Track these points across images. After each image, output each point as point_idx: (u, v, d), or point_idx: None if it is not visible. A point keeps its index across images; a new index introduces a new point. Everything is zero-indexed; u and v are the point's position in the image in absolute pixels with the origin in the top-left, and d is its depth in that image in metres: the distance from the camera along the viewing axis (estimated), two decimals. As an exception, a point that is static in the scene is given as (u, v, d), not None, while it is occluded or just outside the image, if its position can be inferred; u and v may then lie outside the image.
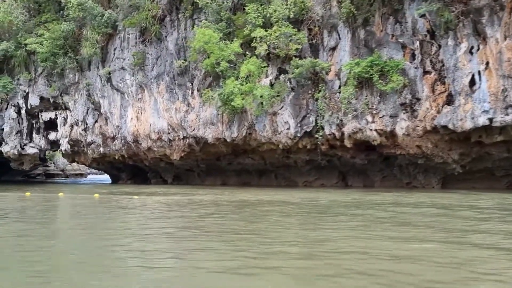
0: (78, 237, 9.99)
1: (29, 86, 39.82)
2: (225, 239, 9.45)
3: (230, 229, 10.74)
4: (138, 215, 14.09)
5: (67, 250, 8.53)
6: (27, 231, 10.64)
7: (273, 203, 17.17)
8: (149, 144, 34.78)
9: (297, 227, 11.33)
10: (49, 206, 18.01)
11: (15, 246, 8.66)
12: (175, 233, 10.38)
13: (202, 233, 10.27)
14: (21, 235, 9.84)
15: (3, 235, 9.88)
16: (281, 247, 8.39)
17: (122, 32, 35.37)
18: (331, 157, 28.99)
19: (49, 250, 8.36)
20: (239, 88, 25.58)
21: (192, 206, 16.47)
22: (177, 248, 8.51)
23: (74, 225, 12.29)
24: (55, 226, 12.32)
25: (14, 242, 9.09)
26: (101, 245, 8.90)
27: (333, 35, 26.15)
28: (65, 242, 9.61)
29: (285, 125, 27.27)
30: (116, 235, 10.21)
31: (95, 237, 9.87)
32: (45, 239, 9.49)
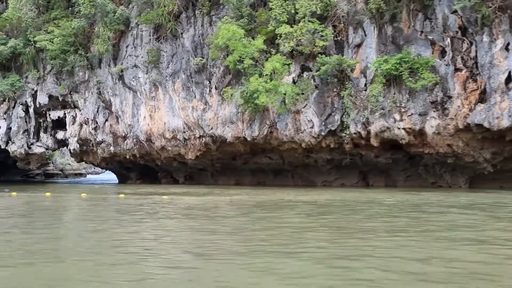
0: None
1: (37, 84, 38.56)
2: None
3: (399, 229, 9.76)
4: (246, 218, 12.77)
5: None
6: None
7: (349, 202, 16.15)
8: (163, 143, 33.72)
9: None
10: (98, 206, 16.85)
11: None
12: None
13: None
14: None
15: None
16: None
17: (134, 29, 34.28)
18: (353, 156, 28.16)
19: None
20: (263, 86, 24.64)
21: (265, 206, 15.44)
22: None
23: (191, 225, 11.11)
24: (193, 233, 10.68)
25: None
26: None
27: (359, 31, 25.31)
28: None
29: (309, 124, 26.39)
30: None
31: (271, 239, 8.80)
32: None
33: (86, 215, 12.96)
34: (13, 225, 11.13)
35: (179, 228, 10.71)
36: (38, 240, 8.81)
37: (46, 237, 9.23)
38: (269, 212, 14.08)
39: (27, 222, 12.37)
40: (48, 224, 11.58)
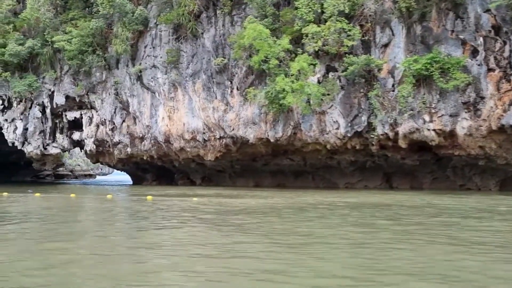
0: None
1: (54, 85, 38.08)
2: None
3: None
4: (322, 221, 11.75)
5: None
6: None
7: (395, 206, 15.33)
8: (182, 144, 33.15)
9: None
10: (135, 209, 16.22)
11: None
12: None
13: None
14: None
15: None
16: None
17: (153, 29, 33.77)
18: (377, 158, 27.50)
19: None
20: (290, 86, 24.01)
21: (319, 208, 14.71)
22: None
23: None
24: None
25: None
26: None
27: (386, 31, 24.67)
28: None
29: (334, 125, 25.75)
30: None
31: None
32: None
33: (140, 220, 12.27)
34: (87, 231, 10.55)
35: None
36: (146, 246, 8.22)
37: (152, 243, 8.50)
38: (351, 213, 13.19)
39: (97, 226, 11.78)
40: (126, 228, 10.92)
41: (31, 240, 8.87)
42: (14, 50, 36.09)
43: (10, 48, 36.18)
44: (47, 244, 8.14)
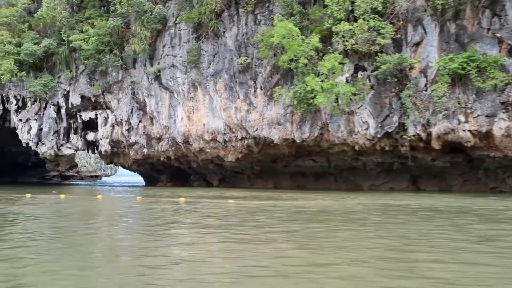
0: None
1: (69, 85, 37.15)
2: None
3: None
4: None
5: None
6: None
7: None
8: (201, 145, 32.22)
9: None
10: (175, 211, 15.26)
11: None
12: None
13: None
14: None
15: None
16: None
17: (172, 28, 32.87)
18: (404, 159, 26.63)
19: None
20: (320, 86, 23.13)
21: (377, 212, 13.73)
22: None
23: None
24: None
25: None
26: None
27: (418, 29, 23.78)
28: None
29: (364, 125, 24.86)
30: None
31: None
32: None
33: (192, 224, 11.38)
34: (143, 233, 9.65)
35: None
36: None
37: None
38: (433, 218, 12.27)
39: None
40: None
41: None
42: (29, 49, 35.21)
43: (25, 47, 35.32)
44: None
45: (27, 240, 8.50)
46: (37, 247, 7.76)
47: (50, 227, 10.61)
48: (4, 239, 8.42)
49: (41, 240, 8.61)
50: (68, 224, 11.19)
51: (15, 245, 7.88)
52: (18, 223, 11.29)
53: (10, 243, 8.08)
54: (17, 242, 8.23)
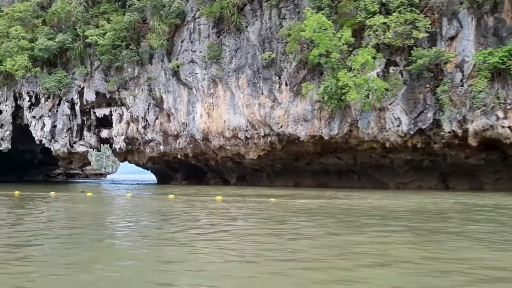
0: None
1: (84, 81, 36.07)
2: None
3: None
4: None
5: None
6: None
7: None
8: (222, 142, 31.23)
9: None
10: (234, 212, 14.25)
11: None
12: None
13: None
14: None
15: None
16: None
17: (191, 23, 31.82)
18: (435, 157, 25.75)
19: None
20: (353, 81, 22.17)
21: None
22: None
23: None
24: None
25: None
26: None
27: (453, 23, 22.86)
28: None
29: (395, 122, 23.93)
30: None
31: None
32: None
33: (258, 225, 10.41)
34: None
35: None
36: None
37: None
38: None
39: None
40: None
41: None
42: (44, 45, 34.12)
43: (40, 43, 34.21)
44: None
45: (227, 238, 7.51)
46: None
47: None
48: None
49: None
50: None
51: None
52: (175, 222, 10.27)
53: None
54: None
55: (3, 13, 35.59)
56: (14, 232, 8.92)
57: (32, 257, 6.30)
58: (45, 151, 59.17)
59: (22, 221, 10.68)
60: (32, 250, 6.79)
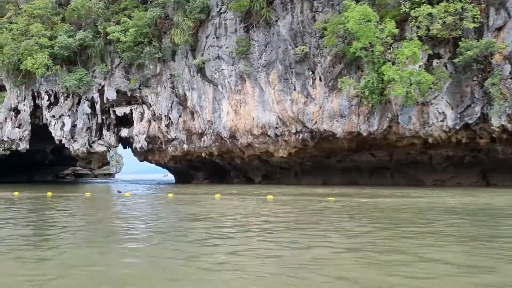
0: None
1: (104, 79, 34.89)
2: None
3: None
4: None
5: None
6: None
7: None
8: (249, 140, 30.09)
9: None
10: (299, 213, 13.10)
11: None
12: None
13: None
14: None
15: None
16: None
17: (216, 18, 30.61)
18: (477, 152, 24.66)
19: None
20: (399, 75, 21.04)
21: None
22: None
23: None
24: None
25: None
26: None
27: (501, 13, 21.73)
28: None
29: (440, 116, 22.80)
30: None
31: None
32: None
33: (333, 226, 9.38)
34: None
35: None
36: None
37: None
38: None
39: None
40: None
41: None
42: (64, 42, 32.90)
43: (60, 40, 33.00)
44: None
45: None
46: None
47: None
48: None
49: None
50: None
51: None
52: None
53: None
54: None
55: (22, 11, 34.33)
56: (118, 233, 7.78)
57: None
58: (55, 151, 58.15)
59: (100, 223, 9.54)
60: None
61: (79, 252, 6.45)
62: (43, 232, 8.85)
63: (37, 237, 8.12)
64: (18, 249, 6.74)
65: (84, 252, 6.44)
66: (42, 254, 6.27)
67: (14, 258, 6.00)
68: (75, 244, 7.11)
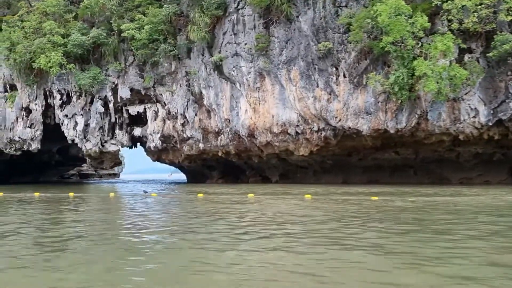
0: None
1: (118, 77, 34.00)
2: None
3: None
4: None
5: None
6: None
7: None
8: (269, 138, 29.22)
9: None
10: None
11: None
12: None
13: None
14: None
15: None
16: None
17: (233, 14, 29.77)
18: (508, 150, 23.88)
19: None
20: (432, 70, 20.22)
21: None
22: None
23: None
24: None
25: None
26: None
27: (535, 5, 20.95)
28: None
29: (472, 112, 21.99)
30: None
31: None
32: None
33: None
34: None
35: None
36: None
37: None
38: None
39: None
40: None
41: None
42: (78, 40, 32.00)
43: (74, 38, 32.09)
44: None
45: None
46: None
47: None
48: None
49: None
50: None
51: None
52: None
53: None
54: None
55: (34, 8, 33.43)
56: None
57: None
58: (60, 151, 57.25)
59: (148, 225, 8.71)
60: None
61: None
62: (140, 235, 8.00)
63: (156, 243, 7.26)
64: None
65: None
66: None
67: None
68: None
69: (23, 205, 15.19)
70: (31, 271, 5.37)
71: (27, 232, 8.69)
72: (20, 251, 6.57)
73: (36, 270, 5.42)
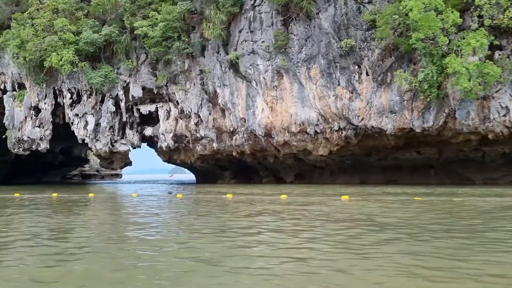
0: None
1: (129, 76, 33.07)
2: None
3: None
4: None
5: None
6: None
7: None
8: (286, 137, 28.41)
9: None
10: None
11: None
12: None
13: None
14: None
15: None
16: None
17: (250, 11, 28.91)
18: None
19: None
20: (465, 67, 19.49)
21: None
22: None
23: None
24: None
25: None
26: None
27: None
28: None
29: (502, 111, 21.26)
30: None
31: None
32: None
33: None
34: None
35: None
36: None
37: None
38: None
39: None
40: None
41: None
42: (90, 38, 31.07)
43: (85, 36, 31.15)
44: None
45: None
46: None
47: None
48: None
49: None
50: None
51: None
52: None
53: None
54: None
55: (44, 5, 32.46)
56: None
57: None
58: (63, 152, 56.17)
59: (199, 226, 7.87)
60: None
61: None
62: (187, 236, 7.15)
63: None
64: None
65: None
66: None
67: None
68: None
69: (60, 206, 14.30)
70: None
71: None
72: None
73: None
